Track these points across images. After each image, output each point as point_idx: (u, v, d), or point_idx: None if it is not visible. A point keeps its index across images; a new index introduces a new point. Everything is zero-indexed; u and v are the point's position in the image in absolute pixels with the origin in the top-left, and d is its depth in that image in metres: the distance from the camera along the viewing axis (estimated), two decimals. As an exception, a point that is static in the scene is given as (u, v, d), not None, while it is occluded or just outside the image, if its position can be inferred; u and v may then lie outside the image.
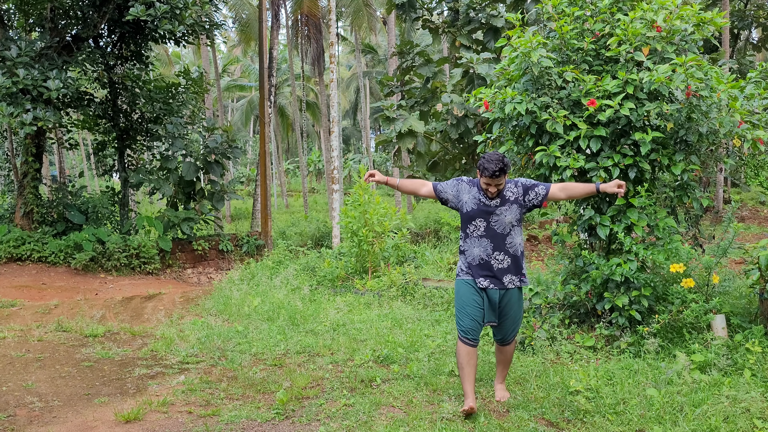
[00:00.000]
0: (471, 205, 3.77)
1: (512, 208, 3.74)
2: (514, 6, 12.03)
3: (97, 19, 11.78)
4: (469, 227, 3.78)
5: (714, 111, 4.78)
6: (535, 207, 3.79)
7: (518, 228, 3.79)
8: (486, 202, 3.74)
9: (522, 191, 3.78)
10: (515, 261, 3.78)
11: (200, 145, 13.76)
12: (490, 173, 3.62)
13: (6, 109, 10.03)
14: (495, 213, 3.73)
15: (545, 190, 3.77)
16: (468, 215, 3.78)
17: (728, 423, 3.47)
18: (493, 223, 3.73)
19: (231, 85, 37.23)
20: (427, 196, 3.91)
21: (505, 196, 3.75)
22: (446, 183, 3.89)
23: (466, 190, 3.81)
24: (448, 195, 3.87)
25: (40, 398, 4.34)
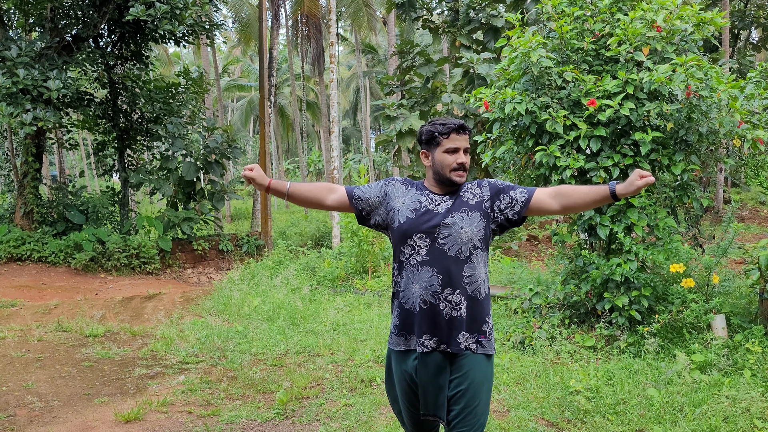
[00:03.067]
0: (407, 213, 2.31)
1: (473, 216, 2.28)
2: (514, 6, 12.03)
3: (97, 19, 11.78)
4: (405, 250, 2.30)
5: (714, 111, 4.78)
6: (511, 223, 2.34)
7: (483, 253, 2.31)
8: (430, 205, 2.31)
9: (489, 194, 2.34)
10: (476, 307, 2.28)
11: (200, 145, 13.76)
12: (450, 128, 2.31)
13: (6, 109, 10.03)
14: (445, 223, 2.26)
15: (526, 196, 2.30)
16: (402, 230, 2.30)
17: (728, 423, 3.47)
18: (443, 240, 2.25)
19: (231, 85, 37.23)
20: (335, 207, 2.45)
21: (462, 198, 2.32)
22: (368, 186, 2.45)
23: (399, 192, 2.38)
24: (369, 202, 2.40)
25: (40, 398, 4.34)
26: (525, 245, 12.77)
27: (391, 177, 2.43)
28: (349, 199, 2.40)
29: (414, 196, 2.34)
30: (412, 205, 2.31)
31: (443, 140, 2.29)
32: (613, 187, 2.19)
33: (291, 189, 2.42)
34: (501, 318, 5.91)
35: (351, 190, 2.41)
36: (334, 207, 2.43)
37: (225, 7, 26.04)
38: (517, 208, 2.29)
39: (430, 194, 2.34)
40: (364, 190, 2.40)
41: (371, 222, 2.41)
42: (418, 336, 2.28)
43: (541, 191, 2.29)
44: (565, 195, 2.26)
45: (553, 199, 2.27)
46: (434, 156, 2.31)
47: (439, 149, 2.30)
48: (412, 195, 2.35)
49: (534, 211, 2.29)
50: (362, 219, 2.42)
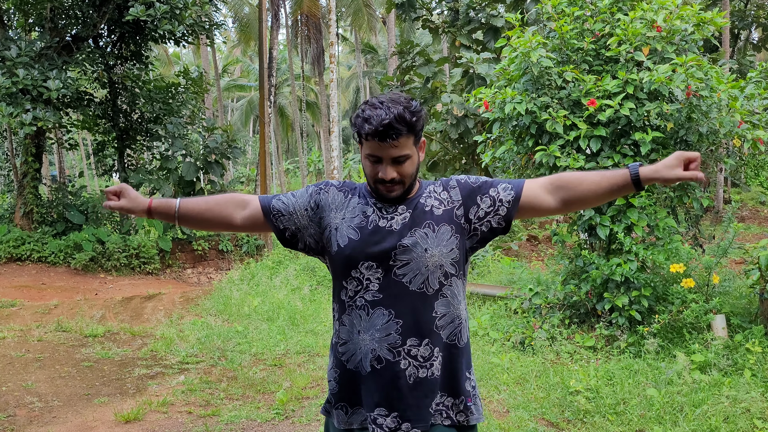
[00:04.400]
0: (348, 233, 1.65)
1: (441, 232, 1.63)
2: (514, 6, 12.03)
3: (97, 19, 11.77)
4: (348, 285, 1.65)
5: (714, 111, 4.78)
6: (495, 233, 1.69)
7: (459, 281, 1.67)
8: (380, 219, 1.64)
9: (460, 197, 1.68)
10: (456, 360, 1.65)
11: (200, 145, 13.76)
12: (370, 130, 1.54)
13: (6, 109, 10.02)
14: (403, 245, 1.61)
15: (513, 194, 1.66)
16: (343, 257, 1.65)
17: (728, 423, 3.47)
18: (402, 270, 1.61)
19: (231, 85, 37.23)
20: (249, 226, 1.75)
21: (424, 207, 1.66)
22: (292, 195, 1.76)
23: (336, 203, 1.70)
24: (294, 218, 1.71)
25: (40, 398, 4.33)
26: (525, 245, 12.77)
27: (324, 181, 1.74)
28: (264, 215, 1.69)
29: (357, 207, 1.64)
30: (356, 220, 1.63)
31: (363, 142, 1.58)
32: (636, 170, 1.54)
33: (182, 209, 1.70)
34: (501, 318, 5.91)
35: (267, 201, 1.71)
36: (247, 227, 1.72)
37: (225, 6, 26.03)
38: (502, 211, 1.63)
39: (377, 204, 1.63)
40: (287, 201, 1.71)
41: (299, 245, 1.70)
42: (369, 409, 1.60)
43: (532, 184, 1.65)
44: (566, 187, 1.61)
45: (550, 194, 1.63)
46: (362, 161, 1.63)
47: (362, 153, 1.62)
48: (355, 206, 1.65)
49: (526, 211, 1.64)
50: (286, 241, 1.70)
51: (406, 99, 1.57)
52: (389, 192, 1.61)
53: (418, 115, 1.55)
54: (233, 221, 1.73)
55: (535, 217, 1.91)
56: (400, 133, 1.53)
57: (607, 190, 1.60)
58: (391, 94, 1.59)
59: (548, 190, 1.64)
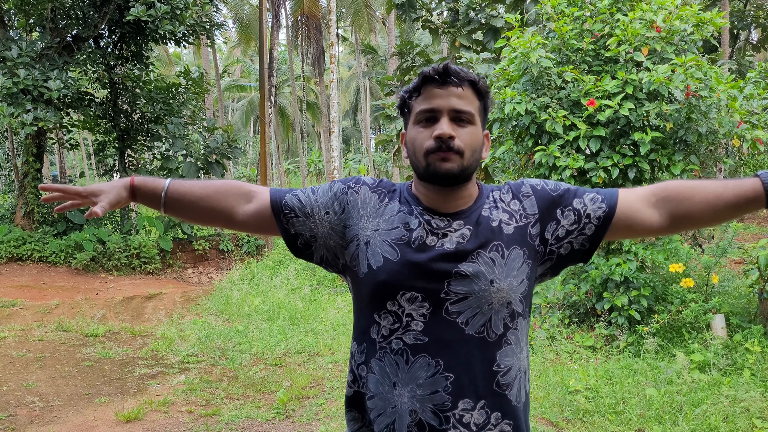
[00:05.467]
0: (384, 249, 1.23)
1: (511, 257, 1.22)
2: (514, 6, 12.05)
3: (98, 20, 11.79)
4: (382, 321, 1.23)
5: (713, 111, 4.79)
6: (575, 258, 1.29)
7: (524, 323, 1.27)
8: (428, 234, 1.23)
9: (536, 210, 1.27)
10: (516, 423, 1.26)
11: (201, 145, 13.77)
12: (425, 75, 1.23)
13: (7, 109, 10.04)
14: (461, 272, 1.20)
15: (606, 207, 1.26)
16: (377, 283, 1.23)
17: (728, 423, 3.47)
18: (457, 306, 1.20)
19: (231, 85, 37.26)
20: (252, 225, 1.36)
21: (486, 220, 1.24)
22: (311, 191, 1.34)
23: (369, 206, 1.29)
24: (311, 222, 1.31)
25: (41, 398, 4.35)
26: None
27: (354, 177, 1.33)
28: (273, 213, 1.30)
29: (397, 216, 1.24)
30: (395, 233, 1.22)
31: (414, 102, 1.24)
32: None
33: (171, 193, 1.32)
34: (501, 318, 5.92)
35: (279, 196, 1.32)
36: (250, 225, 1.34)
37: (225, 7, 26.06)
38: (588, 230, 1.24)
39: (424, 213, 1.24)
40: (304, 198, 1.31)
41: (314, 258, 1.32)
42: None
43: (629, 195, 1.26)
44: (676, 199, 1.23)
45: (653, 209, 1.24)
46: (407, 137, 1.27)
47: (411, 122, 1.26)
48: (393, 214, 1.25)
49: (620, 230, 1.26)
50: (298, 250, 1.32)
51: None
52: (444, 161, 1.18)
53: (486, 87, 1.25)
54: (233, 216, 1.33)
55: (631, 237, 1.47)
56: (464, 80, 1.21)
57: (731, 205, 1.19)
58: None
59: (650, 203, 1.25)
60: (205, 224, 1.44)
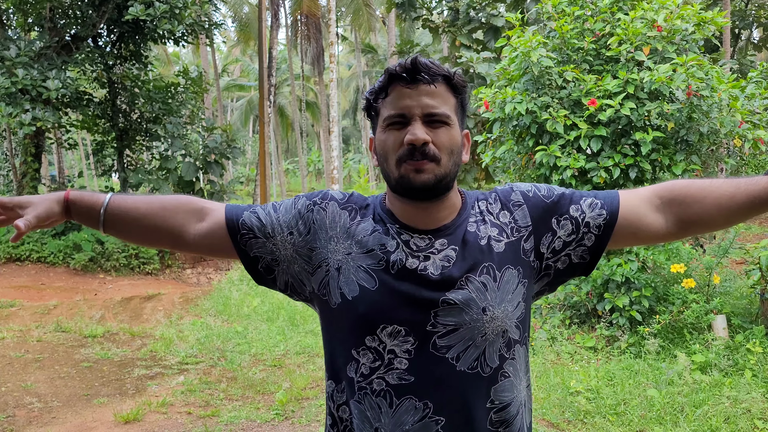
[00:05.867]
0: (358, 276, 1.07)
1: (505, 279, 1.07)
2: (515, 5, 12.03)
3: (96, 19, 11.77)
4: (361, 357, 1.07)
5: (715, 111, 4.77)
6: (574, 271, 1.14)
7: (522, 349, 1.12)
8: (408, 257, 1.06)
9: (529, 220, 1.11)
10: None
11: (199, 145, 13.75)
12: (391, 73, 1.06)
13: (5, 109, 10.01)
14: (449, 301, 1.04)
15: (607, 213, 1.11)
16: (352, 314, 1.07)
17: (729, 424, 3.46)
18: (445, 339, 1.05)
19: (230, 84, 37.24)
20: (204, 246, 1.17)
21: (474, 237, 1.08)
22: (269, 208, 1.17)
23: (337, 225, 1.12)
24: (272, 245, 1.13)
25: (39, 399, 4.33)
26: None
27: (321, 192, 1.16)
28: (230, 233, 1.14)
29: (371, 236, 1.08)
30: (370, 258, 1.07)
31: (382, 105, 1.07)
32: None
33: (111, 210, 1.14)
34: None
35: (236, 214, 1.15)
36: (202, 247, 1.16)
37: (224, 6, 26.03)
38: (588, 240, 1.10)
39: (402, 231, 1.08)
40: (265, 217, 1.14)
41: (278, 284, 1.15)
42: None
43: (631, 197, 1.12)
44: (684, 202, 1.08)
45: (658, 213, 1.10)
46: (376, 143, 1.10)
47: (379, 127, 1.09)
48: (367, 234, 1.09)
49: (623, 238, 1.11)
50: (259, 276, 1.15)
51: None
52: (418, 171, 1.02)
53: (463, 81, 1.08)
54: (183, 236, 1.15)
55: (634, 245, 1.31)
56: (436, 76, 1.04)
57: (745, 207, 1.05)
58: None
59: (655, 206, 1.10)
60: (150, 245, 1.21)
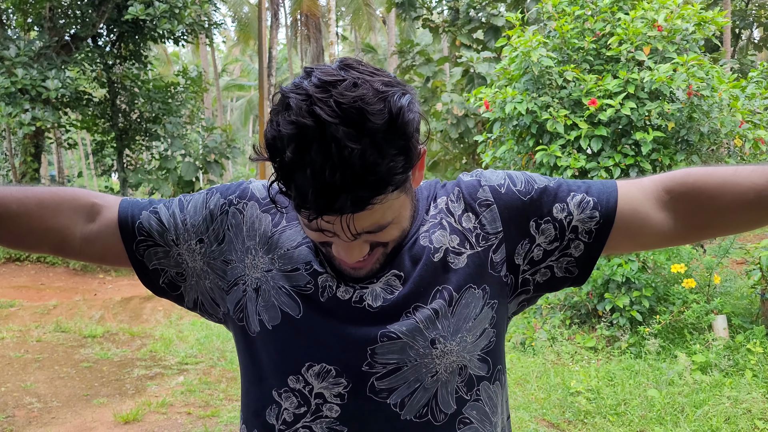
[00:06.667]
0: (281, 301, 0.84)
1: (464, 302, 0.82)
2: (515, 5, 12.02)
3: (96, 19, 11.76)
4: (283, 400, 0.85)
5: (715, 111, 4.77)
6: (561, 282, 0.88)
7: (493, 387, 0.88)
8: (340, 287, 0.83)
9: (500, 224, 0.85)
10: None
11: (199, 145, 13.75)
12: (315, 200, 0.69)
13: (4, 109, 10.01)
14: (388, 334, 0.81)
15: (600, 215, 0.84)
16: (272, 347, 0.86)
17: (730, 424, 3.45)
18: (383, 383, 0.82)
19: (230, 84, 37.23)
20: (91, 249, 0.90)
21: (426, 251, 0.83)
22: (174, 206, 0.91)
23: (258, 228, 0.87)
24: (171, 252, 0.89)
25: (39, 399, 4.32)
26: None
27: (238, 184, 0.92)
28: (123, 238, 0.90)
29: (297, 248, 0.86)
30: (295, 278, 0.85)
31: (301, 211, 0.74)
32: None
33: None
34: (501, 318, 5.90)
35: (131, 213, 0.91)
36: (88, 254, 0.93)
37: (224, 5, 26.03)
38: (575, 249, 0.86)
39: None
40: (166, 218, 0.91)
41: (186, 301, 0.94)
42: None
43: (631, 190, 0.86)
44: (699, 200, 0.83)
45: (664, 211, 0.85)
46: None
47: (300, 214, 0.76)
48: (292, 243, 0.86)
49: (620, 242, 0.87)
50: (160, 290, 0.94)
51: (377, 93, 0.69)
52: (356, 269, 0.81)
53: (404, 134, 0.70)
54: (67, 242, 0.90)
55: (632, 251, 1.09)
56: (364, 201, 0.70)
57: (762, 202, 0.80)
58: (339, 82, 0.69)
59: (662, 202, 0.85)
60: (28, 250, 0.95)
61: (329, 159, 0.66)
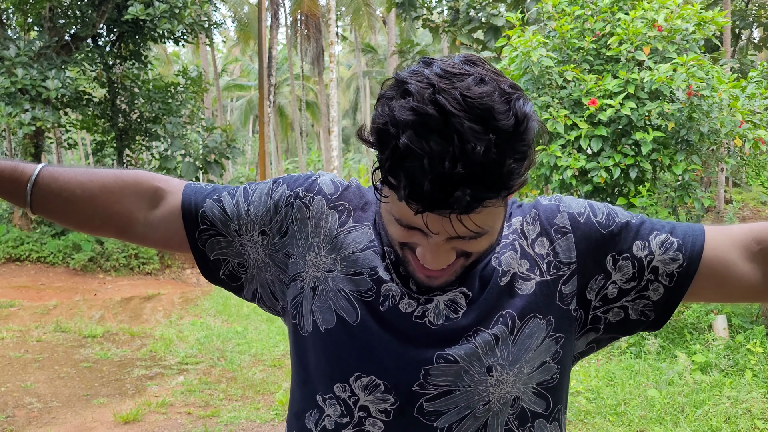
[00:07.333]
0: (339, 304, 0.81)
1: (527, 331, 0.78)
2: (515, 5, 12.02)
3: (96, 19, 11.76)
4: (326, 405, 0.82)
5: (715, 111, 4.77)
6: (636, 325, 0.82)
7: (548, 427, 0.84)
8: (402, 299, 0.78)
9: (574, 254, 0.80)
10: None
11: (199, 145, 13.74)
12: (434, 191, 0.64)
13: (5, 109, 10.01)
14: (446, 356, 0.77)
15: (683, 258, 0.79)
16: (322, 350, 0.82)
17: (729, 424, 3.45)
18: (432, 405, 0.78)
19: (230, 84, 37.24)
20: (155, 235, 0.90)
21: (495, 274, 0.79)
22: (238, 195, 0.88)
23: (323, 225, 0.84)
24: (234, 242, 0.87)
25: (39, 399, 4.32)
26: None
27: (307, 176, 0.89)
28: (186, 226, 0.89)
29: (363, 252, 0.82)
30: (356, 282, 0.81)
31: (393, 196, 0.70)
32: None
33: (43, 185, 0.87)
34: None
35: (195, 201, 0.90)
36: (152, 240, 0.92)
37: (224, 5, 26.04)
38: (655, 293, 0.81)
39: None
40: (230, 207, 0.89)
41: (245, 292, 0.92)
42: None
43: (719, 238, 0.82)
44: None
45: (754, 262, 0.80)
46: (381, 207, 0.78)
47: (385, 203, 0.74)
48: (358, 246, 0.83)
49: (703, 292, 0.82)
50: (220, 281, 0.92)
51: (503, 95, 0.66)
52: (430, 278, 0.77)
53: (526, 141, 0.67)
54: (131, 226, 0.90)
55: (715, 301, 0.89)
56: (481, 200, 0.66)
57: None
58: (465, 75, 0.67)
59: (751, 253, 0.80)
60: (92, 233, 0.97)
61: (450, 150, 0.62)
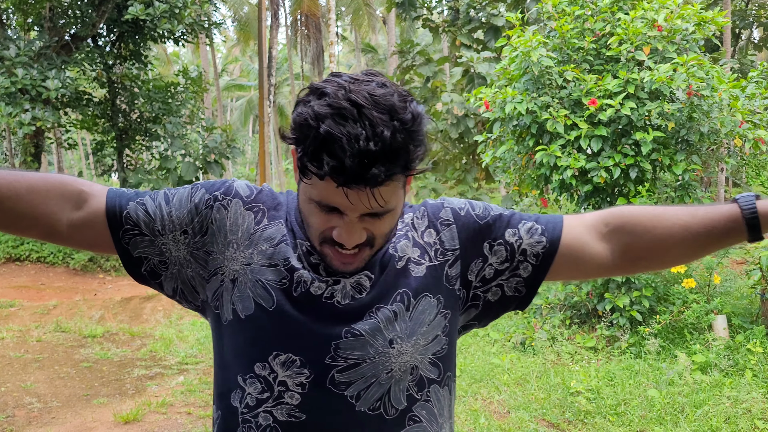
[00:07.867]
0: (256, 293, 0.91)
1: (420, 308, 0.92)
2: (515, 5, 12.02)
3: (96, 19, 11.76)
4: (247, 385, 0.92)
5: (715, 110, 4.77)
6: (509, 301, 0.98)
7: (442, 391, 0.96)
8: (313, 283, 0.90)
9: (457, 242, 0.96)
10: None
11: (199, 145, 13.74)
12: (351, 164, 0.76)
13: (5, 109, 10.01)
14: (353, 331, 0.89)
15: (546, 240, 0.96)
16: (242, 335, 0.92)
17: (730, 424, 3.45)
18: (342, 376, 0.90)
19: (230, 84, 37.24)
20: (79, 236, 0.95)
21: (392, 259, 0.93)
22: (160, 198, 0.96)
23: (239, 229, 0.94)
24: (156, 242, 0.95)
25: (39, 399, 4.32)
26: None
27: (223, 182, 0.98)
28: (110, 227, 0.95)
29: (277, 246, 0.92)
30: (271, 273, 0.91)
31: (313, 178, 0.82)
32: (752, 205, 0.88)
33: None
34: (502, 319, 5.90)
35: (119, 203, 0.96)
36: (76, 240, 0.96)
37: (224, 5, 26.03)
38: (524, 271, 0.96)
39: (313, 250, 0.92)
40: (152, 209, 0.95)
41: (165, 288, 0.98)
42: None
43: (574, 223, 0.97)
44: (633, 231, 0.94)
45: (603, 242, 0.95)
46: (299, 186, 0.88)
47: (305, 187, 0.86)
48: (273, 241, 0.93)
49: (564, 269, 0.96)
50: (142, 278, 0.98)
51: (401, 96, 0.80)
52: (345, 264, 0.88)
53: (421, 133, 0.81)
54: (55, 227, 0.94)
55: (575, 278, 1.05)
56: (390, 174, 0.79)
57: (702, 238, 0.91)
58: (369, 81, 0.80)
59: (601, 234, 0.95)
60: (16, 234, 0.98)
61: (363, 133, 0.76)
